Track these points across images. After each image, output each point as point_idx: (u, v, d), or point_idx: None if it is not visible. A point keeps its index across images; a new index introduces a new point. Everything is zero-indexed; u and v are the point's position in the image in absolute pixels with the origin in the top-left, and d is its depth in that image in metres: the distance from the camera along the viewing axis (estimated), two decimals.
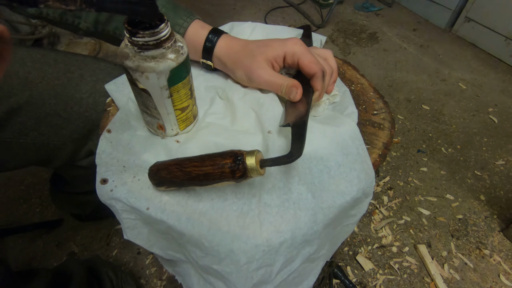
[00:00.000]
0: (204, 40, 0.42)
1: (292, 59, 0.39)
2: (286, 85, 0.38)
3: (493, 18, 1.62)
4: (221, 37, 0.42)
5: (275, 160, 0.29)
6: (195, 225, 0.31)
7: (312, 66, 0.38)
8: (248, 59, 0.40)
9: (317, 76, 0.38)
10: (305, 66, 0.38)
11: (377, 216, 0.97)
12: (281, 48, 0.39)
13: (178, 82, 0.33)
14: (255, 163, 0.27)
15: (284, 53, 0.39)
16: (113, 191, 0.34)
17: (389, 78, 1.52)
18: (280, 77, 0.39)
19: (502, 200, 1.03)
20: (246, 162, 0.27)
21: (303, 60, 0.38)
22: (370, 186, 0.36)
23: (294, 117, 0.35)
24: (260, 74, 0.40)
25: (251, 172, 0.28)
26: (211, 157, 0.29)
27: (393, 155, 1.16)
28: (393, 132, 0.43)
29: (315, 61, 0.38)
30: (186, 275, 0.36)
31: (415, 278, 0.84)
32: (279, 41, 0.40)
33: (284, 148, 0.35)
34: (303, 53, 0.38)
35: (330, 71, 0.41)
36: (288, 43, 0.39)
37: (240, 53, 0.41)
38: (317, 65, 0.38)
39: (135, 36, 0.28)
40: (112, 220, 0.92)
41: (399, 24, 1.93)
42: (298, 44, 0.39)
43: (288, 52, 0.39)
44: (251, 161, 0.27)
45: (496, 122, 1.31)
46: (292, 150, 0.30)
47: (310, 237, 0.32)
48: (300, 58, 0.38)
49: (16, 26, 1.36)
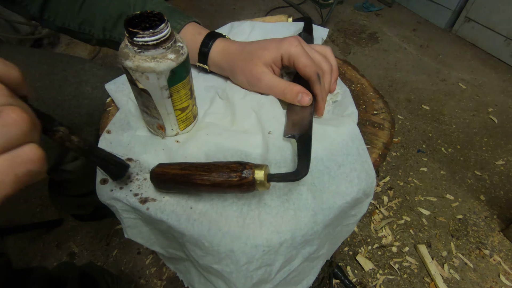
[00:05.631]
0: (200, 44, 0.42)
1: (288, 61, 0.39)
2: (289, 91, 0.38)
3: (493, 18, 1.62)
4: (217, 41, 0.42)
5: (282, 176, 0.29)
6: (195, 225, 0.31)
7: (306, 70, 0.37)
8: (247, 63, 0.40)
9: (312, 80, 0.37)
10: (300, 70, 0.38)
11: (377, 216, 0.97)
12: (277, 50, 0.38)
13: (178, 82, 0.33)
14: (263, 178, 0.28)
15: (280, 55, 0.39)
16: (113, 191, 0.34)
17: (389, 78, 1.52)
18: (281, 82, 0.39)
19: (502, 200, 1.03)
20: (255, 177, 0.28)
21: (297, 63, 0.37)
22: (370, 186, 0.36)
23: (298, 128, 0.35)
24: (261, 80, 0.39)
25: (258, 186, 0.28)
26: (218, 168, 0.29)
27: (393, 155, 1.16)
28: (393, 132, 0.43)
29: (310, 64, 0.37)
30: (187, 272, 0.36)
31: (415, 278, 0.84)
32: (275, 43, 0.39)
33: (284, 149, 0.35)
34: (299, 55, 0.37)
35: (329, 69, 0.40)
36: (284, 45, 0.38)
37: (237, 57, 0.41)
38: (312, 68, 0.37)
39: (135, 37, 0.28)
40: (112, 220, 0.92)
41: (399, 24, 1.93)
42: (294, 44, 0.38)
43: (284, 54, 0.38)
44: (260, 175, 0.28)
45: (496, 122, 1.31)
46: (298, 168, 0.30)
47: (310, 237, 0.32)
48: (295, 61, 0.37)
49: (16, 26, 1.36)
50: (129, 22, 0.29)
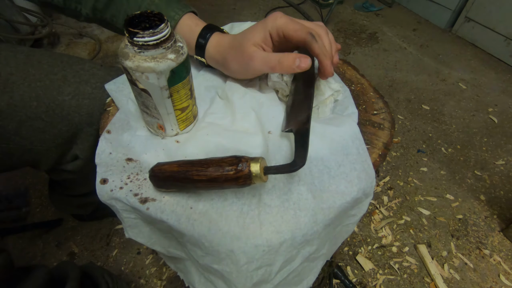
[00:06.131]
0: (197, 36, 0.41)
1: (277, 34, 0.37)
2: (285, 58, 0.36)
3: (493, 18, 1.62)
4: (213, 34, 0.41)
5: (278, 168, 0.29)
6: (195, 225, 0.31)
7: (297, 34, 0.35)
8: (237, 49, 0.39)
9: (307, 41, 0.35)
10: (291, 36, 0.36)
11: (377, 216, 0.97)
12: (264, 28, 0.37)
13: (178, 82, 0.33)
14: (259, 170, 0.28)
15: (269, 32, 0.37)
16: (113, 191, 0.34)
17: (389, 78, 1.52)
18: (274, 54, 0.37)
19: (502, 200, 1.03)
20: (251, 169, 0.27)
21: (287, 30, 0.36)
22: (370, 186, 0.36)
23: (296, 123, 0.35)
24: (253, 58, 0.38)
25: (255, 179, 0.28)
26: (214, 162, 0.29)
27: (393, 155, 1.16)
28: (393, 132, 0.43)
29: (301, 27, 0.35)
30: (188, 272, 0.36)
31: (415, 278, 0.84)
32: (260, 23, 0.38)
33: (284, 149, 0.35)
34: (286, 24, 0.36)
35: (325, 32, 0.38)
36: (268, 21, 0.37)
37: (228, 47, 0.40)
38: (303, 30, 0.35)
39: (135, 37, 0.28)
40: (112, 220, 0.92)
41: (399, 24, 1.93)
42: (278, 17, 0.37)
43: (272, 30, 0.37)
44: (256, 168, 0.28)
45: (496, 122, 1.31)
46: (295, 159, 0.30)
47: (310, 237, 0.32)
48: (284, 30, 0.36)
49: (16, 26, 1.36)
50: (129, 22, 0.29)
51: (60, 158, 0.51)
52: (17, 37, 1.33)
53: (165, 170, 0.31)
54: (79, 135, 0.50)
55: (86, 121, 0.49)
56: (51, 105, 0.46)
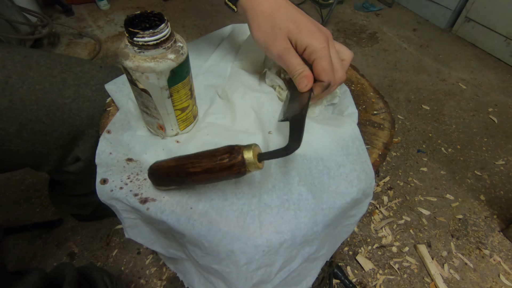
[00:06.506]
0: None
1: (308, 55, 0.36)
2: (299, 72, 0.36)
3: (493, 18, 1.62)
4: None
5: (273, 153, 0.28)
6: (195, 226, 0.31)
7: (322, 75, 0.36)
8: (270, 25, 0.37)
9: (322, 85, 0.37)
10: (316, 72, 0.36)
11: (377, 216, 0.97)
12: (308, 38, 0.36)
13: (178, 82, 0.33)
14: (252, 157, 0.27)
15: (306, 44, 0.36)
16: (113, 191, 0.34)
17: (389, 78, 1.52)
18: (296, 58, 0.37)
19: (502, 200, 1.03)
20: (244, 156, 0.27)
21: (317, 64, 0.36)
22: (370, 187, 0.36)
23: (292, 112, 0.35)
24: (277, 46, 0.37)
25: (249, 166, 0.27)
26: (208, 153, 0.29)
27: (393, 155, 1.16)
28: (393, 132, 0.43)
29: (328, 71, 0.36)
30: (187, 273, 0.36)
31: (415, 278, 0.84)
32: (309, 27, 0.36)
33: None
34: (321, 58, 0.35)
35: (341, 81, 0.39)
36: (314, 36, 0.36)
37: (263, 14, 0.37)
38: (328, 76, 0.36)
39: (135, 37, 0.28)
40: (112, 220, 0.92)
41: (399, 24, 1.93)
42: (323, 43, 0.36)
43: (309, 47, 0.36)
44: (249, 154, 0.27)
45: (496, 122, 1.31)
46: (289, 142, 0.30)
47: (310, 237, 0.32)
48: (315, 61, 0.36)
49: (16, 26, 1.36)
50: (129, 22, 0.29)
51: (61, 159, 0.51)
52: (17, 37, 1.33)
53: (163, 166, 0.31)
54: (80, 137, 0.50)
55: (87, 123, 0.49)
56: (52, 108, 0.45)
